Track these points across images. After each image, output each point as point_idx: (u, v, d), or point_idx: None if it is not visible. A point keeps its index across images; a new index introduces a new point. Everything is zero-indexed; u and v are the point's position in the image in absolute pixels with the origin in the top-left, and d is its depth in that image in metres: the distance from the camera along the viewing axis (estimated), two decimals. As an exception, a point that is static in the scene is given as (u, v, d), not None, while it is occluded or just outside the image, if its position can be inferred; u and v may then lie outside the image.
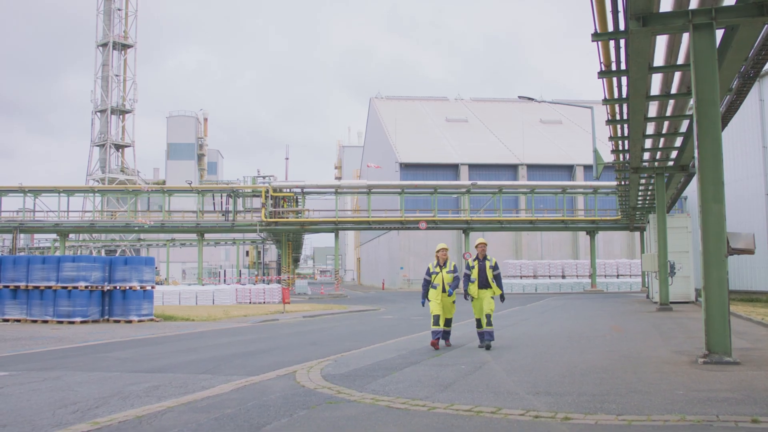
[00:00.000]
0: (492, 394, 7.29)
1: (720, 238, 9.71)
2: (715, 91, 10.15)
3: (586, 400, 6.91)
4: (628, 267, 52.54)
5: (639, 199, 31.75)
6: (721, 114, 17.01)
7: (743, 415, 6.07)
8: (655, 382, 8.05)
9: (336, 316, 23.87)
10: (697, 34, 10.35)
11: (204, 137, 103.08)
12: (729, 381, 7.97)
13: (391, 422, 6.10)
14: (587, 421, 5.99)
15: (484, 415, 6.33)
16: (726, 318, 9.58)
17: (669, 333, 14.60)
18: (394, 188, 50.18)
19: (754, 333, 14.36)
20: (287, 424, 6.09)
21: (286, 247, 55.14)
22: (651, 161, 23.21)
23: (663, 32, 11.43)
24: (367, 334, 16.36)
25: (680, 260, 25.33)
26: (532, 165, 61.10)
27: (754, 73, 14.65)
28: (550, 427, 5.78)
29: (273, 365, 10.41)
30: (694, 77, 10.31)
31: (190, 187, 50.22)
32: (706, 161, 9.92)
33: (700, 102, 10.12)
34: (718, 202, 9.75)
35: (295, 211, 50.76)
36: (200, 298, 32.88)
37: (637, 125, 17.87)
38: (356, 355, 11.38)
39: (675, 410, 6.34)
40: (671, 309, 22.40)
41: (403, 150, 61.34)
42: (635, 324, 17.39)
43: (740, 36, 11.34)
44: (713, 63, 10.22)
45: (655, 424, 5.85)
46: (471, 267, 12.16)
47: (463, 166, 60.33)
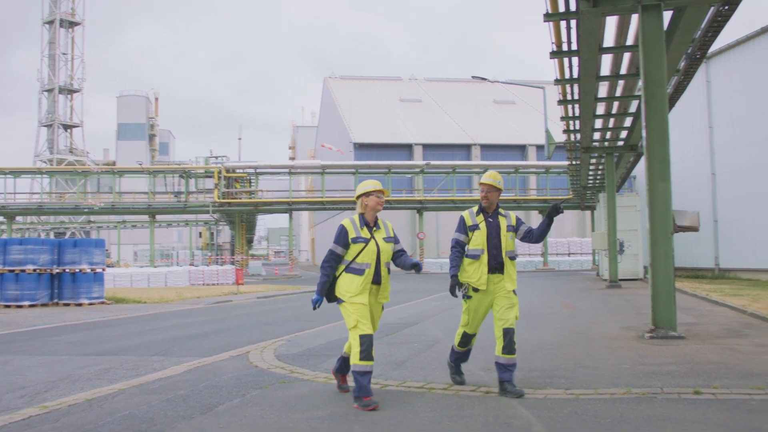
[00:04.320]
0: (444, 371, 7.36)
1: (666, 216, 9.93)
2: (662, 72, 10.32)
3: (536, 376, 7.04)
4: (579, 245, 53.39)
5: (590, 178, 32.22)
6: (668, 95, 17.36)
7: (686, 387, 6.25)
8: (604, 357, 8.23)
9: (290, 297, 23.83)
10: (645, 15, 10.51)
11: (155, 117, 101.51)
12: (674, 355, 8.18)
13: (343, 400, 6.14)
14: (536, 395, 6.11)
15: (435, 391, 6.41)
16: (671, 294, 9.82)
17: (617, 309, 14.91)
18: (348, 168, 50.10)
19: (699, 308, 14.74)
20: (240, 404, 6.08)
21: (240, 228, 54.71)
22: (601, 141, 23.55)
23: (613, 13, 11.56)
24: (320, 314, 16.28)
25: (629, 238, 25.82)
26: (485, 145, 61.46)
27: (700, 55, 14.93)
28: (499, 402, 5.88)
29: (226, 346, 10.36)
30: (642, 58, 10.47)
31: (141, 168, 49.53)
32: (653, 141, 10.11)
33: (648, 82, 10.29)
34: (665, 181, 9.95)
35: (249, 191, 50.41)
36: (152, 280, 32.54)
37: (588, 105, 18.09)
38: (310, 335, 11.40)
39: (621, 384, 6.49)
40: (620, 286, 22.86)
41: (357, 130, 61.19)
42: (585, 301, 17.71)
43: (687, 18, 11.53)
44: (661, 44, 10.39)
45: (602, 397, 5.98)
46: (470, 227, 6.59)
47: (417, 146, 60.43)
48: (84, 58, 78.33)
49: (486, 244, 6.47)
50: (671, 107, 18.59)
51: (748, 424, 4.99)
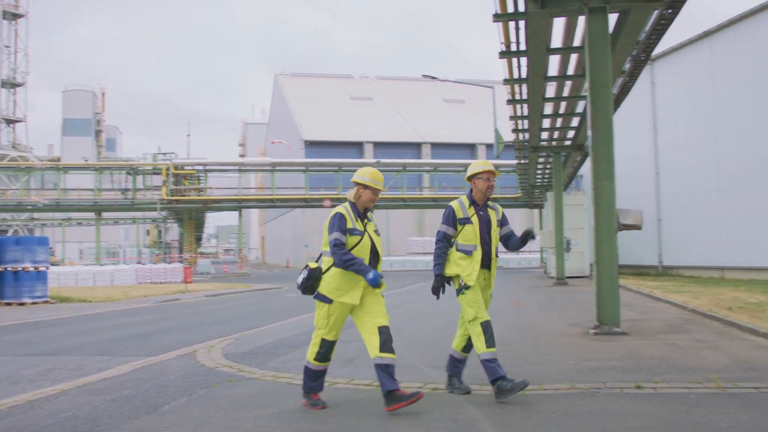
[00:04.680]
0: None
1: (610, 215, 10.13)
2: (607, 73, 10.52)
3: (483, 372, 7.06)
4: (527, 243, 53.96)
5: (538, 177, 32.62)
6: (614, 95, 17.66)
7: (628, 381, 6.39)
8: (550, 353, 8.36)
9: (239, 295, 23.64)
10: (591, 17, 10.68)
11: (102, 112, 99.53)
12: (617, 350, 8.35)
13: (292, 398, 6.13)
14: (483, 391, 6.19)
15: (383, 388, 6.43)
16: (615, 291, 10.03)
17: (564, 306, 15.16)
18: (299, 166, 49.88)
19: (642, 305, 15.05)
20: (186, 404, 6.03)
21: (188, 226, 54.07)
22: (549, 140, 23.87)
23: (560, 14, 11.72)
24: (269, 312, 16.29)
25: (576, 236, 26.25)
26: (435, 143, 61.79)
27: (645, 57, 15.24)
28: (446, 399, 5.94)
29: (173, 345, 10.24)
30: (588, 59, 10.65)
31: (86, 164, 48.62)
32: (598, 141, 10.29)
33: (594, 84, 10.48)
34: (609, 180, 10.15)
35: (198, 189, 49.84)
36: (98, 278, 31.93)
37: (536, 105, 18.33)
38: (258, 334, 11.33)
39: (566, 379, 6.61)
40: (567, 283, 23.23)
41: (308, 128, 60.97)
42: (533, 298, 17.95)
43: (632, 20, 11.75)
44: (606, 46, 10.58)
45: (547, 392, 6.08)
46: (461, 220, 6.12)
47: (367, 144, 60.48)
48: (28, 52, 76.56)
49: (480, 238, 6.07)
50: (617, 108, 18.94)
51: (686, 418, 5.12)
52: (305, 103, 66.09)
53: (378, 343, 5.43)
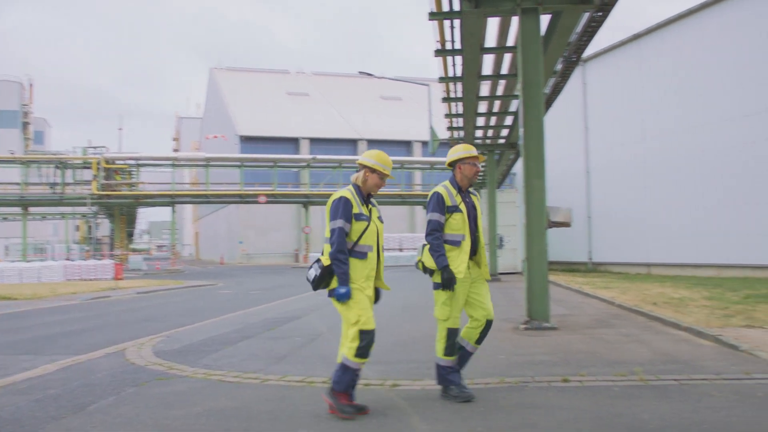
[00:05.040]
0: (325, 365, 7.41)
1: (541, 212, 10.33)
2: (539, 73, 10.71)
3: (415, 367, 7.19)
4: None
5: (472, 174, 32.96)
6: (546, 95, 18.03)
7: (556, 375, 6.54)
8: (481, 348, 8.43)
9: (171, 292, 23.28)
10: (524, 17, 10.87)
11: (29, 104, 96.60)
12: (546, 345, 8.54)
13: (223, 396, 6.08)
14: (414, 386, 6.25)
15: (315, 385, 6.44)
16: (545, 287, 10.24)
17: (496, 302, 15.15)
18: (234, 161, 49.36)
19: (571, 300, 15.38)
20: (114, 403, 5.92)
21: (120, 222, 53.00)
22: (484, 139, 24.20)
23: (494, 14, 11.88)
24: (203, 309, 16.11)
25: (509, 233, 26.68)
26: (371, 140, 61.90)
27: (576, 58, 15.57)
28: (378, 394, 5.97)
29: (102, 343, 10.04)
30: (520, 59, 10.83)
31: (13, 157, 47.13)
32: (530, 139, 10.48)
33: (526, 83, 10.66)
34: (540, 178, 10.35)
35: (129, 183, 48.86)
36: (25, 275, 31.02)
37: (471, 104, 18.56)
38: (190, 331, 11.19)
39: (496, 373, 6.73)
40: (500, 279, 23.57)
41: (244, 123, 60.38)
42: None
43: (563, 22, 12.01)
44: (538, 46, 10.78)
45: (478, 386, 6.17)
46: (450, 208, 5.71)
47: (303, 140, 60.25)
48: (-50, 40, 73.67)
49: (469, 226, 5.70)
50: (549, 107, 19.31)
51: (610, 410, 5.27)
52: (241, 98, 65.43)
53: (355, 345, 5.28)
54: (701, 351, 7.92)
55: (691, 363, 7.12)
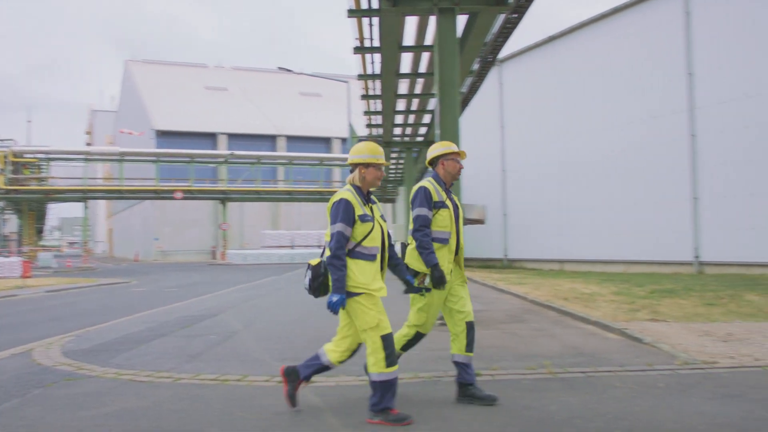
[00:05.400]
0: (240, 363, 7.36)
1: (456, 210, 10.47)
2: (455, 72, 10.86)
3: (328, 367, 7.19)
4: (381, 237, 54.89)
5: (391, 172, 33.24)
6: (463, 94, 18.28)
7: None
8: (396, 344, 8.55)
9: (83, 290, 22.63)
10: (441, 17, 10.98)
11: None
12: (460, 341, 8.67)
13: (134, 395, 5.96)
14: (328, 383, 6.27)
15: (229, 383, 6.38)
16: (460, 283, 10.37)
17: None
18: (149, 156, 48.32)
19: (487, 296, 15.66)
20: (18, 405, 5.73)
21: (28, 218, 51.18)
22: (402, 136, 24.38)
23: (412, 13, 11.97)
24: (115, 307, 15.73)
25: (426, 230, 26.93)
26: (291, 136, 61.62)
27: (492, 58, 15.87)
28: (293, 391, 5.96)
29: (7, 344, 9.67)
30: (437, 58, 10.96)
31: None
32: (445, 137, 10.60)
33: (442, 82, 10.79)
34: (455, 176, 10.49)
35: (39, 178, 47.24)
36: (-76, 273, 29.60)
37: (389, 101, 18.66)
38: (101, 330, 10.90)
39: (410, 369, 6.81)
40: (418, 276, 23.76)
41: (160, 117, 59.13)
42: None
43: (480, 22, 12.19)
44: (454, 46, 10.92)
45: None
46: (437, 204, 5.44)
47: (221, 136, 59.45)
48: None
49: (455, 226, 5.49)
50: (466, 106, 19.60)
51: (519, 402, 5.41)
52: (157, 92, 64.05)
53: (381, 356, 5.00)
54: (608, 344, 8.20)
55: (597, 356, 7.37)
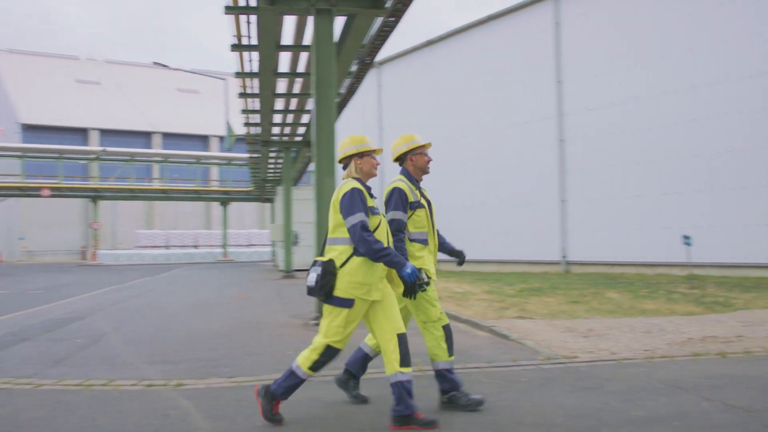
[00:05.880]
0: (107, 366, 7.14)
1: (332, 210, 10.53)
2: (332, 73, 10.91)
3: (201, 366, 7.10)
4: (259, 237, 54.40)
5: (270, 171, 32.98)
6: (341, 95, 18.37)
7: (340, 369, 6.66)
8: (270, 344, 8.53)
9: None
10: (319, 18, 11.01)
11: None
12: (334, 340, 8.72)
13: (-12, 402, 5.67)
14: (199, 385, 6.16)
15: (94, 387, 6.17)
16: (335, 283, 10.43)
17: (289, 298, 15.49)
18: (14, 151, 45.83)
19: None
20: None
21: None
22: (281, 136, 24.23)
23: (289, 13, 11.91)
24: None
25: (305, 230, 26.89)
26: (167, 133, 60.09)
27: (370, 60, 15.99)
28: (160, 395, 5.83)
29: None
30: (314, 59, 10.98)
31: None
32: (321, 138, 10.65)
33: (319, 83, 10.82)
34: (331, 177, 10.56)
35: None
36: None
37: (267, 100, 18.53)
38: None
39: (282, 369, 6.68)
40: (295, 276, 23.72)
41: (26, 110, 56.28)
42: (259, 291, 18.13)
43: (358, 24, 12.28)
44: (331, 47, 10.97)
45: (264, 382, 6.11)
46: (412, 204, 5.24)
47: (93, 131, 57.25)
48: None
49: (431, 225, 5.32)
50: (344, 107, 19.71)
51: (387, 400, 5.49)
52: (23, 83, 60.91)
53: (398, 355, 4.68)
54: (477, 341, 8.46)
55: (466, 352, 7.60)
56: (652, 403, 5.22)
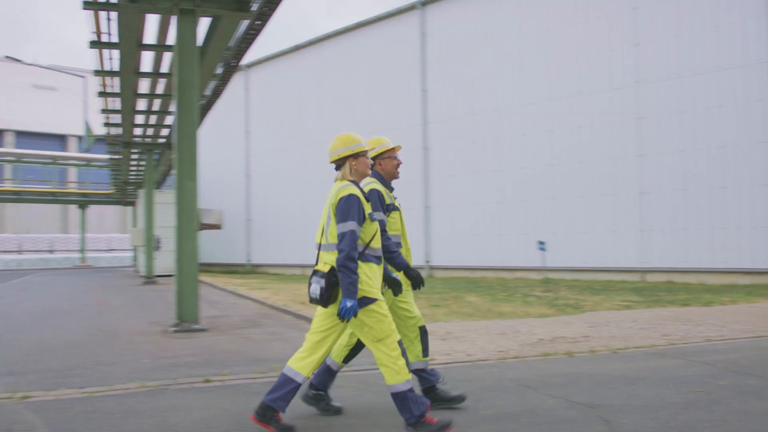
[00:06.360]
0: (-56, 379, 6.71)
1: (192, 214, 10.34)
2: (195, 74, 10.72)
3: (51, 377, 6.79)
4: (120, 242, 52.50)
5: (132, 174, 31.92)
6: (207, 98, 18.09)
7: (198, 376, 6.60)
8: (125, 353, 8.26)
9: None
10: (182, 18, 10.80)
11: None
12: (193, 347, 8.57)
13: None
14: (47, 397, 5.88)
15: None
16: (195, 289, 10.26)
17: (149, 305, 15.05)
18: None
19: (226, 301, 15.60)
20: None
21: None
22: (143, 137, 23.51)
23: (152, 11, 11.61)
24: None
25: (168, 235, 26.20)
26: (21, 132, 56.97)
27: (236, 63, 15.82)
28: (3, 408, 5.54)
29: None
30: (177, 60, 10.75)
31: None
32: (183, 140, 10.44)
33: (181, 84, 10.61)
34: (192, 180, 10.36)
35: None
36: None
37: (128, 100, 17.99)
38: None
39: (138, 378, 6.59)
40: (156, 282, 23.08)
41: None
42: (118, 297, 17.52)
43: (223, 26, 12.14)
44: (194, 48, 10.78)
45: (116, 393, 6.00)
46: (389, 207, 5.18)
47: (-63, 128, 53.51)
48: None
49: (402, 230, 5.22)
50: (209, 110, 19.40)
51: (247, 406, 5.41)
52: None
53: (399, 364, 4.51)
54: (338, 346, 8.52)
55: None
56: (502, 402, 5.44)
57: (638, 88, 19.60)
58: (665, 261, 19.05)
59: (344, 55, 28.33)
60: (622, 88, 19.90)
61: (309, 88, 29.74)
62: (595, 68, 20.50)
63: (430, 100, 24.79)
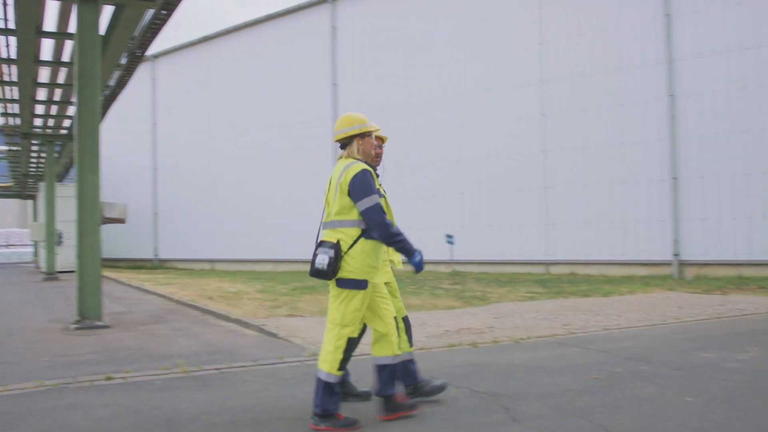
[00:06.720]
0: None
1: (95, 208, 10.06)
2: (96, 64, 10.41)
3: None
4: (19, 236, 50.56)
5: (32, 166, 30.80)
6: (111, 88, 17.62)
7: (100, 374, 6.43)
8: (22, 351, 7.98)
9: None
10: (83, 6, 10.46)
11: None
12: (96, 344, 8.34)
13: None
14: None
15: None
16: (98, 284, 10.00)
17: (50, 302, 14.57)
18: None
19: (131, 297, 15.24)
20: None
21: None
22: (44, 128, 22.68)
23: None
24: None
25: (69, 229, 25.39)
26: None
27: (141, 53, 15.42)
28: None
29: None
30: (77, 48, 10.42)
31: None
32: (84, 132, 10.13)
33: (82, 73, 10.29)
34: (94, 173, 10.07)
35: None
36: None
37: (27, 89, 17.34)
38: None
39: (35, 377, 6.36)
40: (58, 278, 22.33)
41: None
42: (17, 295, 16.89)
43: (127, 15, 11.82)
44: (96, 36, 10.47)
45: (12, 393, 5.79)
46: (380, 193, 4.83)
47: None
48: None
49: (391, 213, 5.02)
50: (114, 101, 18.90)
51: (149, 403, 5.36)
52: None
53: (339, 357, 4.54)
54: (245, 340, 8.47)
55: (233, 352, 7.58)
56: (407, 393, 5.53)
57: (542, 86, 20.15)
58: (568, 253, 19.67)
59: (255, 47, 28.02)
60: (528, 86, 20.41)
61: (219, 80, 29.28)
62: (502, 65, 20.96)
63: (340, 94, 24.80)
